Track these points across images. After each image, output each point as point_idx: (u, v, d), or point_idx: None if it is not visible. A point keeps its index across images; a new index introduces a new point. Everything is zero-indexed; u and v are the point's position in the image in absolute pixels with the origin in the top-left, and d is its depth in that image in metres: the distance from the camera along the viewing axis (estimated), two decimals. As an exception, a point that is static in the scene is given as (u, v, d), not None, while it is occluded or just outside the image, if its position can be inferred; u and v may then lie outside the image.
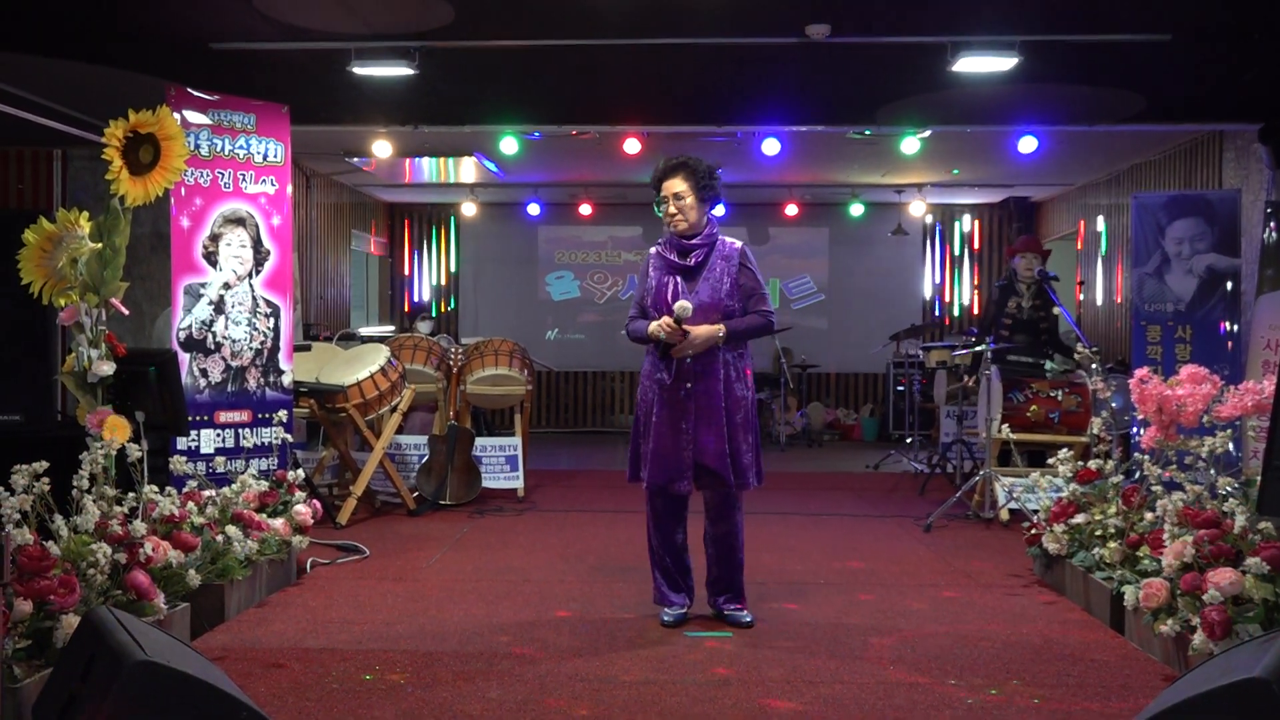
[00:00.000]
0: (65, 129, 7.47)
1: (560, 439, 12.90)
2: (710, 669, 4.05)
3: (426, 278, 13.93)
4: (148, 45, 6.31)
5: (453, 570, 5.69)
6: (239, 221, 6.12)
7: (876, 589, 5.33)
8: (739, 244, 4.66)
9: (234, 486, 5.25)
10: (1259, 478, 3.40)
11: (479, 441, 7.94)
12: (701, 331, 4.44)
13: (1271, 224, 7.48)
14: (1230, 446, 4.60)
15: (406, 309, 13.74)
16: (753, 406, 4.63)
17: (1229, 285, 7.47)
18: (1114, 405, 5.82)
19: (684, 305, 4.41)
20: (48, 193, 8.41)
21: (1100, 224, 10.98)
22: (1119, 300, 10.36)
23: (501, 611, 4.85)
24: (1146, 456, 4.95)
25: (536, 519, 7.27)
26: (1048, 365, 7.96)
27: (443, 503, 7.53)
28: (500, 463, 8.04)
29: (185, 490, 4.99)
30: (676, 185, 4.54)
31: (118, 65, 6.62)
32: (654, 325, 4.46)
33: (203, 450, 5.92)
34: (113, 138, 4.35)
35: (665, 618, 4.64)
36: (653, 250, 4.70)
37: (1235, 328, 7.44)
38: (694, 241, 4.57)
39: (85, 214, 4.33)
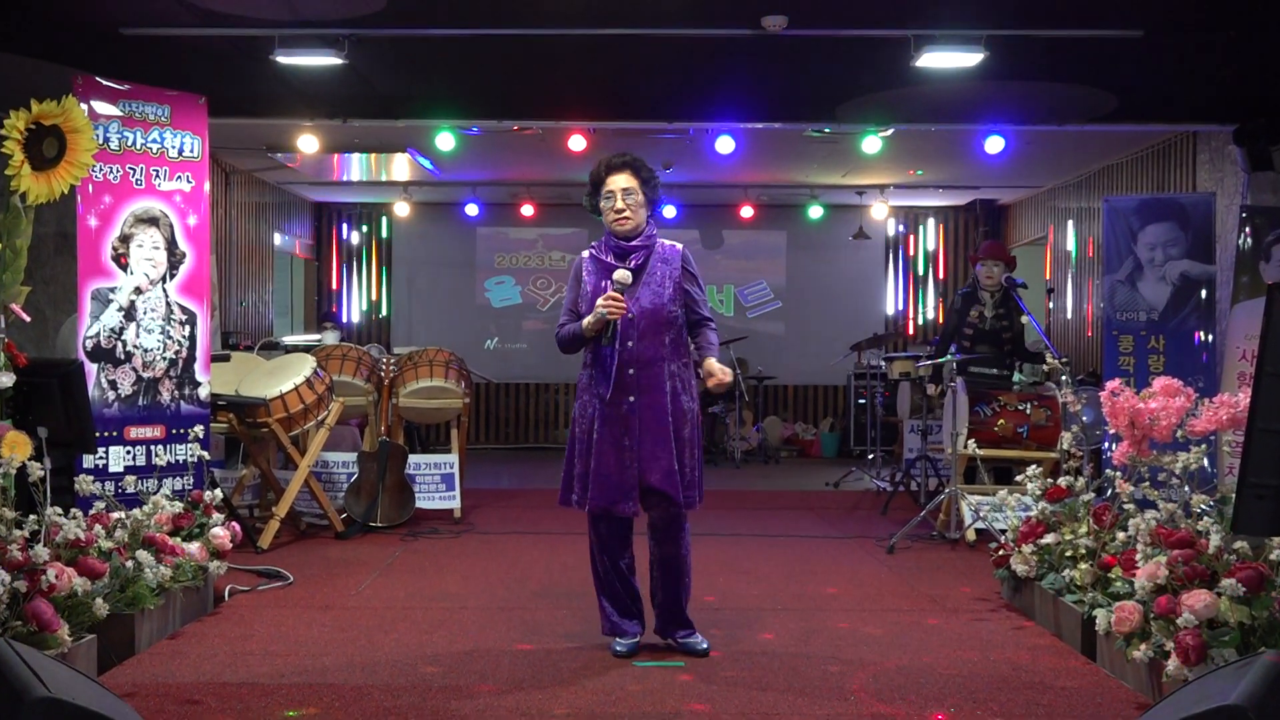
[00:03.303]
0: (-40, 120, 7.34)
1: (500, 456, 12.86)
2: (660, 702, 4.05)
3: (356, 282, 13.85)
4: (53, 30, 6.22)
5: (384, 597, 5.65)
6: (152, 221, 6.04)
7: (837, 614, 5.37)
8: (679, 246, 4.68)
9: (145, 508, 5.17)
10: (1234, 495, 3.46)
11: (412, 459, 7.90)
12: (724, 374, 4.46)
13: (1247, 229, 7.64)
14: (1205, 462, 4.68)
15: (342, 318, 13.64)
16: (697, 420, 4.65)
17: (1203, 293, 7.62)
18: (1085, 419, 5.90)
19: (624, 274, 4.42)
20: (-59, 189, 8.25)
21: (1070, 228, 11.17)
22: (1090, 308, 10.53)
23: (436, 641, 4.82)
24: (1118, 473, 5.02)
25: (474, 542, 7.24)
26: (1016, 377, 8.07)
27: (373, 525, 7.48)
28: (435, 481, 7.99)
29: (92, 512, 4.90)
30: (625, 181, 4.55)
31: (19, 51, 6.52)
32: (590, 316, 4.44)
33: (111, 469, 5.83)
34: (14, 130, 4.29)
35: (618, 647, 4.62)
36: (585, 254, 4.69)
37: (1210, 338, 7.59)
38: (634, 244, 4.57)
39: (-17, 212, 4.26)
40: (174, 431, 6.09)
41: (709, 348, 4.61)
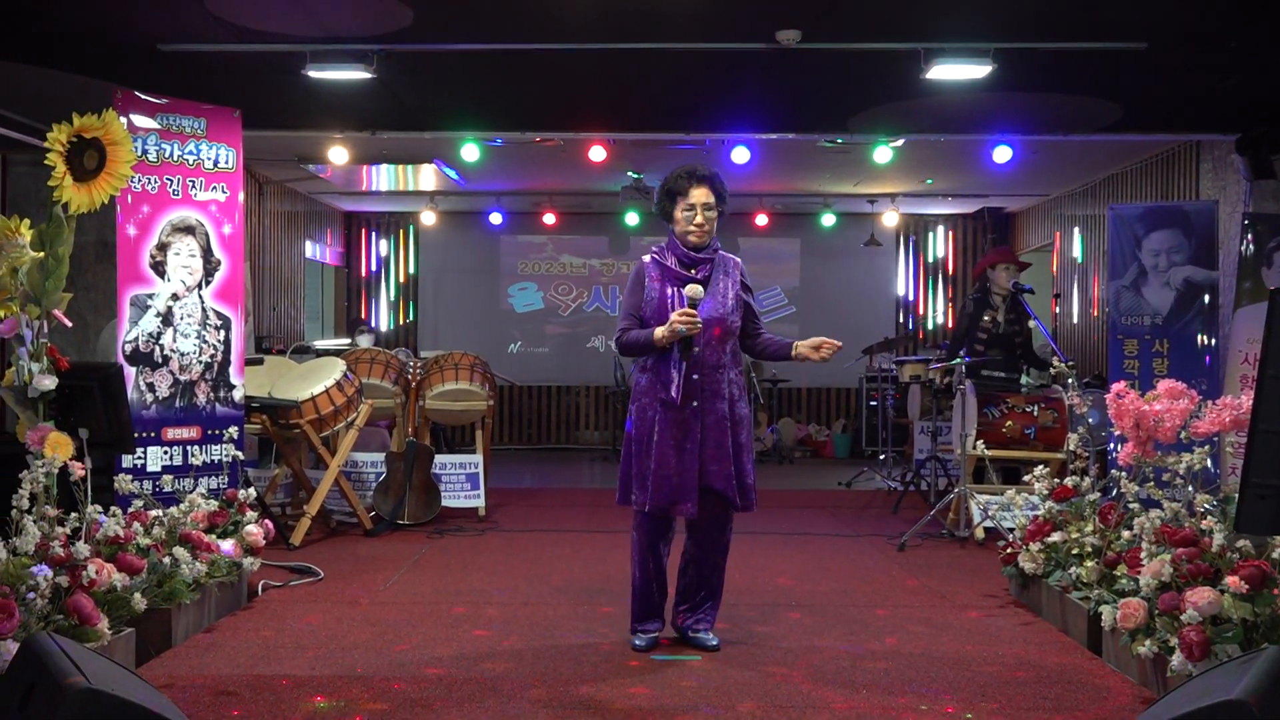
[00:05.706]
0: (6, 133, 7.38)
1: (523, 456, 12.87)
2: (679, 694, 4.04)
3: (385, 289, 13.89)
4: (94, 46, 6.26)
5: (411, 593, 5.66)
6: (188, 230, 6.08)
7: (849, 609, 5.35)
8: (736, 259, 4.71)
9: (182, 506, 5.20)
10: (1237, 495, 3.44)
11: (438, 459, 7.91)
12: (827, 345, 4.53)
13: (1249, 236, 7.59)
14: (1208, 463, 4.66)
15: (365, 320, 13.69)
16: (750, 425, 4.66)
17: (1206, 298, 7.57)
18: (1091, 421, 5.88)
19: (696, 289, 4.41)
20: (-13, 199, 8.31)
21: (1076, 236, 11.11)
22: (1095, 313, 10.48)
23: (462, 636, 4.83)
24: (1123, 473, 5.00)
25: (498, 539, 7.24)
26: (1023, 380, 8.03)
27: (400, 523, 7.49)
28: (460, 481, 8.00)
29: (131, 510, 4.93)
30: (707, 195, 4.54)
31: (62, 67, 6.56)
32: (663, 329, 4.40)
33: (149, 468, 5.86)
34: (56, 142, 4.31)
35: (638, 642, 4.63)
36: (647, 259, 4.66)
37: (1213, 341, 7.54)
38: (702, 254, 4.58)
39: (26, 222, 4.28)
40: (209, 432, 6.12)
41: (781, 340, 4.67)
